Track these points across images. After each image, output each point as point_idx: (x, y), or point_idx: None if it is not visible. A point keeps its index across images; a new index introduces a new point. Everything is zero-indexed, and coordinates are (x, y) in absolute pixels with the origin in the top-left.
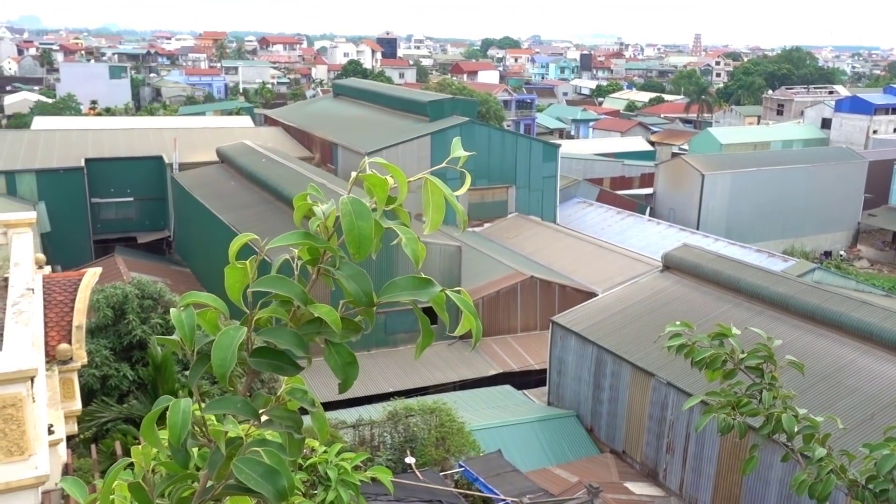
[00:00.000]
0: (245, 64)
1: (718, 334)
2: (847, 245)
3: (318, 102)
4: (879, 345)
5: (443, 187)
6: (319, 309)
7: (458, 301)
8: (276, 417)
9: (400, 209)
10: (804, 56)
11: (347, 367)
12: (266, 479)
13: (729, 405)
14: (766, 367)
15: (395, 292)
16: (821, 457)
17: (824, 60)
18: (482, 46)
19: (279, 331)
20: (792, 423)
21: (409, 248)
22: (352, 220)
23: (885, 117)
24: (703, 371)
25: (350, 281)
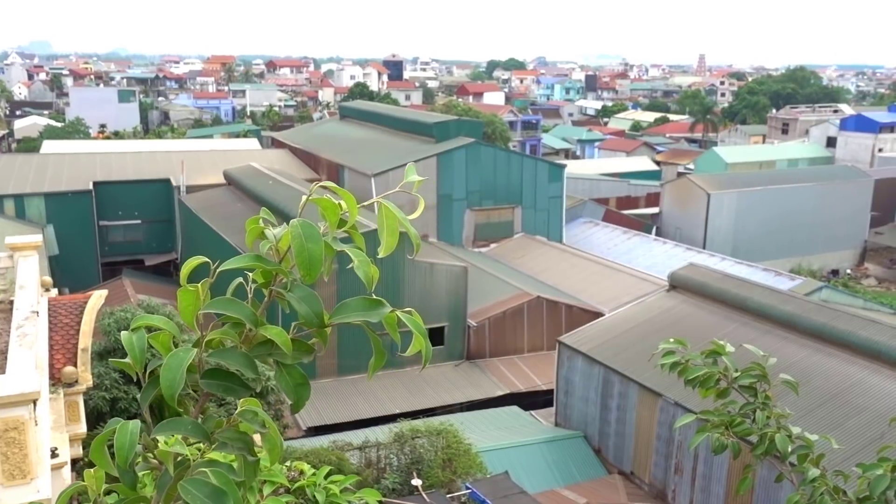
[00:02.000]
0: (252, 87)
1: (712, 352)
2: (854, 263)
3: (325, 125)
4: (888, 363)
5: (396, 211)
6: (270, 331)
7: (407, 322)
8: (227, 439)
9: (354, 232)
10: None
11: (299, 388)
12: (212, 499)
13: (722, 424)
14: (759, 387)
15: (346, 313)
16: (814, 477)
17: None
18: (488, 68)
19: (229, 352)
20: (785, 443)
21: (361, 271)
22: (301, 243)
23: (891, 135)
24: (697, 389)
25: (301, 303)
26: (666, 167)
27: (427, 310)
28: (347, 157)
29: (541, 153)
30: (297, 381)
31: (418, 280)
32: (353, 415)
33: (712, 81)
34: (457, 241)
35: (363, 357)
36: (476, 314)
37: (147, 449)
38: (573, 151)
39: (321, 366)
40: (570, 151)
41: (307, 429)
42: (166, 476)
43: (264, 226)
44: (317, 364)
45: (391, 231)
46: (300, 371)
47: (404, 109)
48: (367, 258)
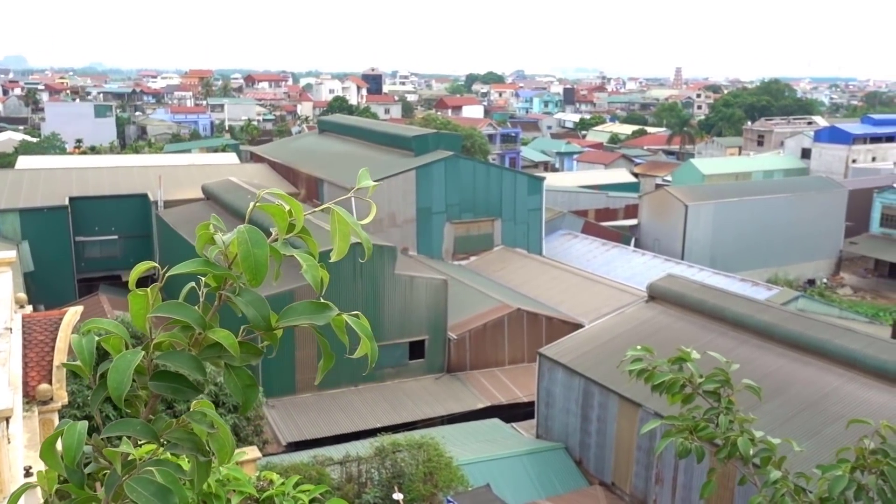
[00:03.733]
0: (231, 101)
1: (678, 359)
2: (830, 273)
3: (304, 139)
4: (863, 372)
5: (347, 217)
6: (218, 334)
7: (354, 325)
8: (176, 440)
9: (308, 237)
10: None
11: (247, 390)
12: (157, 497)
13: (687, 429)
14: (723, 392)
15: (293, 317)
16: (776, 479)
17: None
18: (466, 81)
19: (177, 355)
20: (747, 446)
21: (310, 275)
22: (247, 248)
23: (864, 146)
24: (662, 395)
25: (249, 307)
26: (644, 179)
27: (407, 323)
28: (327, 171)
29: (520, 166)
30: (245, 383)
31: (398, 293)
32: (333, 429)
33: (689, 94)
34: (437, 254)
35: (343, 371)
36: (456, 327)
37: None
38: (552, 164)
39: (301, 380)
40: (549, 164)
41: (287, 444)
42: (114, 475)
43: (214, 231)
44: (296, 379)
45: (343, 236)
46: (248, 373)
47: (383, 123)
48: (316, 262)
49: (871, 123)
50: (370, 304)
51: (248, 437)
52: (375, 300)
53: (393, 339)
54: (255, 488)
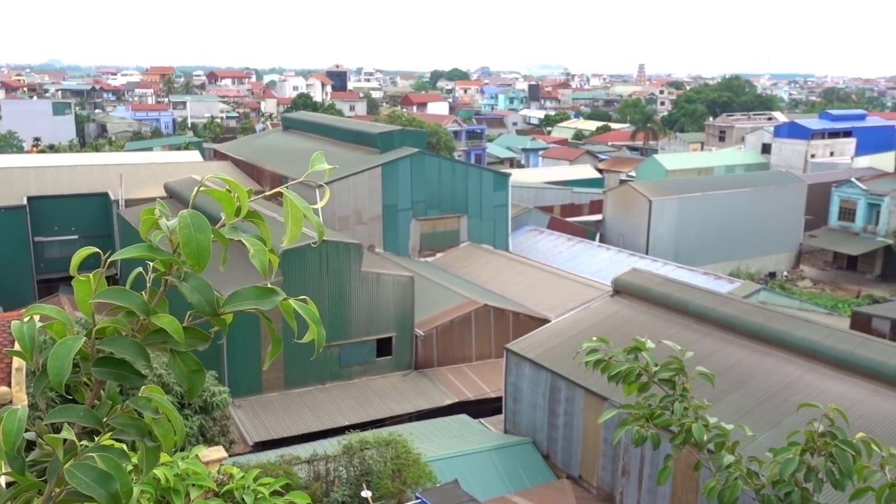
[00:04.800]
0: (193, 99)
1: (633, 349)
2: (790, 265)
3: (268, 136)
4: (823, 362)
5: (299, 201)
6: (162, 319)
7: (301, 310)
8: (120, 425)
9: (260, 223)
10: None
11: (193, 375)
12: (98, 482)
13: (643, 417)
14: (678, 380)
15: (239, 302)
16: (729, 463)
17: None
18: (431, 78)
19: (120, 340)
20: (701, 433)
21: (257, 260)
22: (190, 233)
23: (822, 142)
24: (619, 385)
25: (194, 292)
26: (608, 175)
27: (374, 320)
28: (291, 168)
29: (485, 162)
30: (191, 369)
31: (365, 291)
32: (300, 428)
33: (652, 90)
34: (403, 251)
35: (310, 370)
36: (423, 323)
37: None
38: (518, 160)
39: (267, 379)
40: (515, 160)
41: (254, 444)
42: (56, 462)
43: (159, 216)
44: (262, 378)
45: (295, 220)
46: (194, 358)
47: (348, 120)
48: (265, 247)
49: (828, 119)
50: (337, 302)
51: (215, 437)
52: (342, 298)
53: (360, 337)
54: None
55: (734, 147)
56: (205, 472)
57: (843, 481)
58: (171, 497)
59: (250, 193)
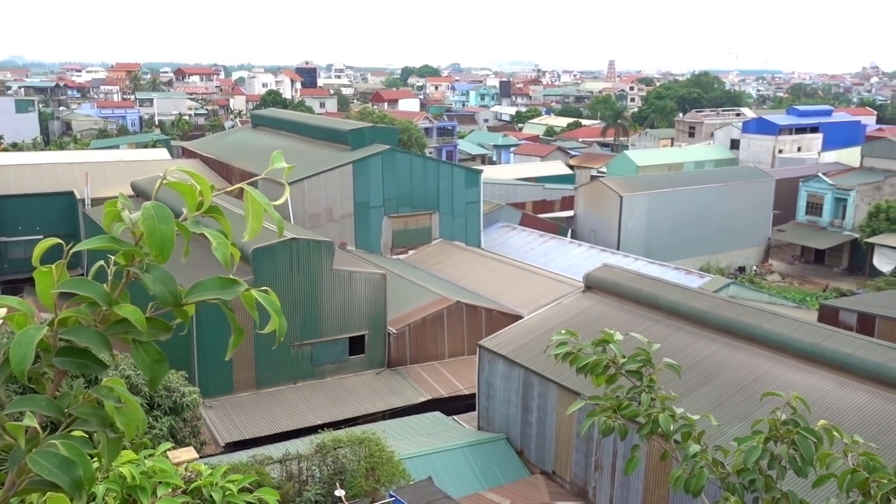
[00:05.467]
0: (160, 96)
1: (601, 341)
2: (759, 260)
3: (237, 133)
4: (791, 354)
5: (260, 197)
6: (124, 309)
7: (262, 300)
8: (82, 414)
9: (222, 218)
10: (712, 80)
11: (155, 365)
12: (61, 469)
13: (611, 408)
14: (645, 371)
15: (201, 292)
16: (695, 452)
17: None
18: (402, 75)
19: (81, 330)
20: (668, 423)
21: (220, 252)
22: (153, 224)
23: (789, 137)
24: (588, 377)
25: (156, 283)
26: (579, 171)
27: (347, 318)
28: (261, 165)
29: (457, 159)
30: (153, 359)
31: (337, 289)
32: (272, 428)
33: (622, 87)
34: (375, 249)
35: (282, 369)
36: (396, 321)
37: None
38: (489, 157)
39: (238, 379)
40: (487, 157)
41: (226, 444)
42: (18, 450)
43: (121, 209)
44: (234, 378)
45: (256, 216)
46: (157, 348)
47: (319, 117)
48: (227, 241)
49: (796, 115)
50: (308, 301)
51: (185, 438)
52: (314, 296)
53: (332, 335)
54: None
55: (704, 143)
56: (172, 469)
57: (805, 468)
58: (138, 495)
59: (213, 188)
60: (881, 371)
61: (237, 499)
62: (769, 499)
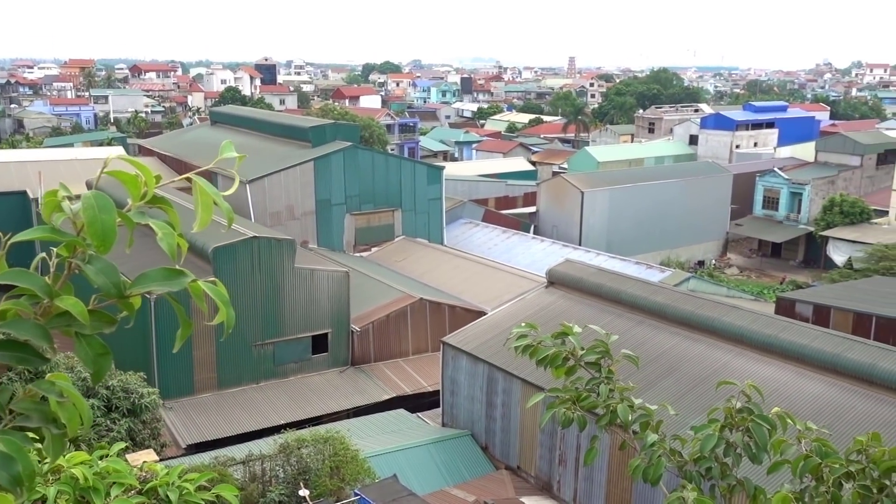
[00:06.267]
0: (116, 92)
1: (560, 333)
2: (718, 254)
3: (195, 131)
4: (750, 346)
5: (208, 187)
6: (65, 301)
7: (210, 291)
8: (24, 410)
9: (169, 209)
10: (671, 77)
11: (99, 359)
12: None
13: (570, 400)
14: (603, 362)
15: (146, 283)
16: (653, 442)
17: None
18: (363, 71)
19: (21, 323)
20: (626, 413)
21: (165, 243)
22: (94, 214)
23: (746, 133)
24: (547, 369)
25: (99, 274)
26: (541, 167)
27: (309, 317)
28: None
29: (419, 156)
30: (97, 352)
31: (299, 287)
32: (235, 429)
33: (582, 83)
34: (337, 246)
35: (244, 369)
36: (359, 319)
37: None
38: (451, 153)
39: (199, 380)
40: (449, 153)
41: (187, 446)
42: None
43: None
44: (195, 379)
45: (205, 207)
46: (100, 341)
47: (279, 114)
48: (172, 231)
49: (752, 110)
50: (270, 299)
51: (145, 440)
52: (276, 295)
53: (295, 334)
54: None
55: (663, 139)
56: (126, 469)
57: (759, 455)
58: (91, 497)
59: (158, 178)
60: (836, 361)
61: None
62: (725, 486)
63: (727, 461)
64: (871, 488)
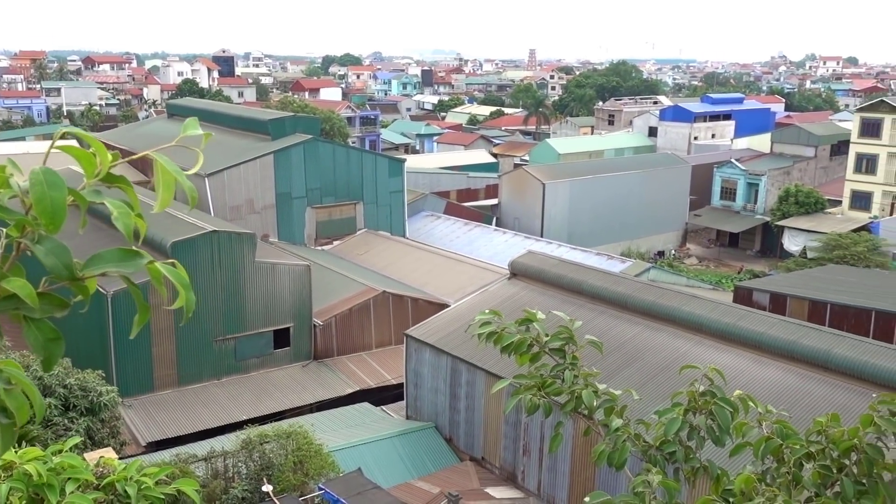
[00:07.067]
0: (68, 85)
1: (524, 320)
2: (677, 244)
3: (152, 124)
4: (709, 335)
5: (170, 165)
6: (12, 283)
7: (169, 274)
8: None
9: (128, 188)
10: (630, 69)
11: (50, 344)
12: None
13: (535, 386)
14: (568, 349)
15: (100, 265)
16: (617, 427)
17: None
18: (323, 63)
19: None
20: (591, 399)
21: (121, 223)
22: (43, 190)
23: (704, 124)
24: (511, 356)
25: (49, 255)
26: (503, 159)
27: (271, 311)
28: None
29: (380, 148)
30: (47, 336)
31: (260, 281)
32: (196, 425)
33: (543, 75)
34: (299, 240)
35: (205, 365)
36: (322, 313)
37: None
38: (413, 146)
39: (159, 377)
40: (410, 146)
41: (147, 444)
42: None
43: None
44: (154, 375)
45: (166, 186)
46: (51, 326)
47: (238, 107)
48: (129, 210)
49: (709, 102)
50: (231, 294)
51: (104, 439)
52: (236, 289)
53: (256, 329)
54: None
55: (623, 131)
56: (82, 464)
57: (722, 437)
58: (45, 493)
59: (116, 157)
60: (793, 348)
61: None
62: (689, 469)
63: (691, 444)
64: (830, 468)
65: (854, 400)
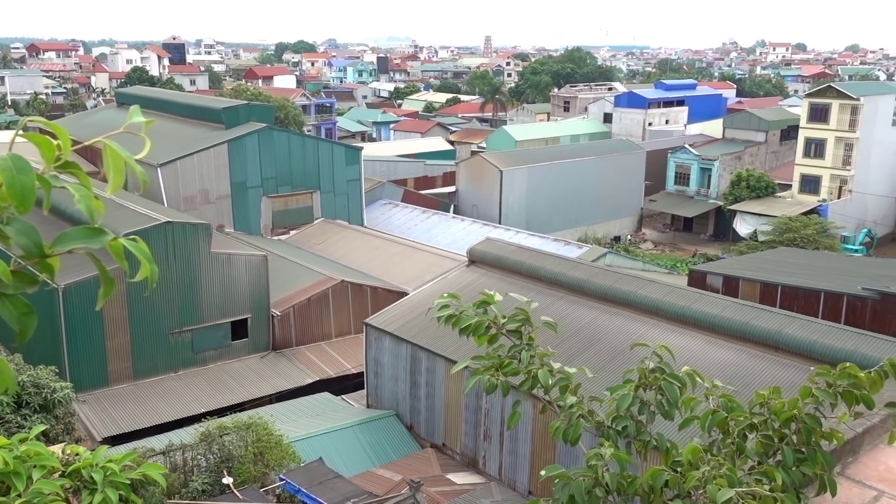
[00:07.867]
0: (12, 73)
1: (482, 302)
2: (633, 229)
3: (101, 113)
4: (665, 318)
5: (121, 150)
6: None
7: (131, 248)
8: None
9: (79, 171)
10: (585, 56)
11: (24, 318)
12: None
13: (493, 367)
14: (524, 330)
15: (67, 243)
16: (571, 404)
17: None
18: (277, 51)
19: None
20: (546, 377)
21: (83, 204)
22: (12, 175)
23: (658, 110)
24: (469, 338)
25: (20, 235)
26: (460, 146)
27: (228, 302)
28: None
29: (336, 136)
30: (21, 311)
31: (216, 273)
32: (153, 419)
33: (499, 62)
34: (255, 230)
35: (161, 358)
36: (280, 303)
37: None
38: (369, 134)
39: (114, 371)
40: (367, 134)
41: (103, 439)
42: None
43: None
44: (109, 369)
45: (117, 170)
46: (24, 301)
47: (190, 95)
48: (89, 192)
49: (663, 88)
50: (186, 286)
51: (59, 436)
52: (192, 281)
53: (213, 320)
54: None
55: (578, 117)
56: (48, 452)
57: (671, 411)
58: (12, 481)
59: (75, 143)
60: (745, 329)
61: (119, 477)
62: (640, 442)
63: (642, 419)
64: (772, 438)
65: (804, 378)
